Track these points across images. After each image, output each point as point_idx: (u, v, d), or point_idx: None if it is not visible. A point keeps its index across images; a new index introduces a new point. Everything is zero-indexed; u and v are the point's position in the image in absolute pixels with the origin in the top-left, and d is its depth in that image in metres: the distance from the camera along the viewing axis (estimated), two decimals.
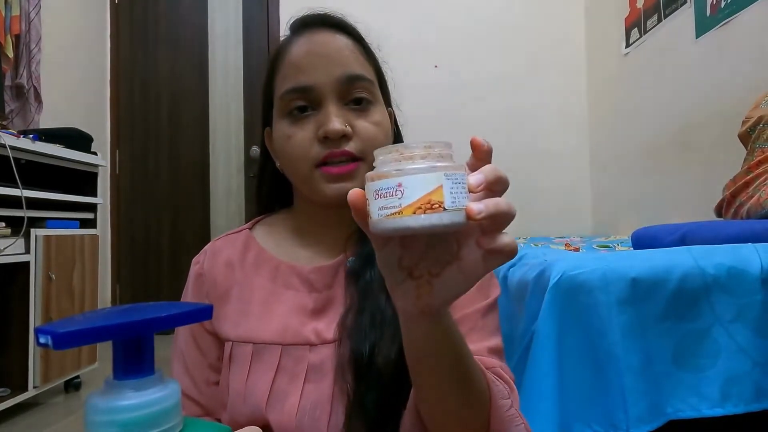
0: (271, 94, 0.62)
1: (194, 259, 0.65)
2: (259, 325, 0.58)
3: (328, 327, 0.58)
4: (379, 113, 0.59)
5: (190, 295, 0.64)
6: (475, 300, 0.58)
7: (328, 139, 0.55)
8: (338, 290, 0.60)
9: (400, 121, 0.68)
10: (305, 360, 0.56)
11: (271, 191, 0.69)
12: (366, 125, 0.57)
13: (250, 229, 0.67)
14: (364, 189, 0.52)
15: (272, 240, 0.65)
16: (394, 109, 0.67)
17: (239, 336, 0.59)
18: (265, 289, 0.61)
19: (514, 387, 0.54)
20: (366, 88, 0.58)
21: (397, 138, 0.67)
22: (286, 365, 0.56)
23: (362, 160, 0.57)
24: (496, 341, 0.57)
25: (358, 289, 0.57)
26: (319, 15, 0.61)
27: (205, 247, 0.66)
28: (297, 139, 0.57)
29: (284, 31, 0.64)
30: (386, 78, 0.65)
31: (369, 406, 0.52)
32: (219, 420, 0.60)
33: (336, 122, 0.55)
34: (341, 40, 0.59)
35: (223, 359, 0.59)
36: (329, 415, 0.54)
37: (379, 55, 0.64)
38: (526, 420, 0.50)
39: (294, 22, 0.62)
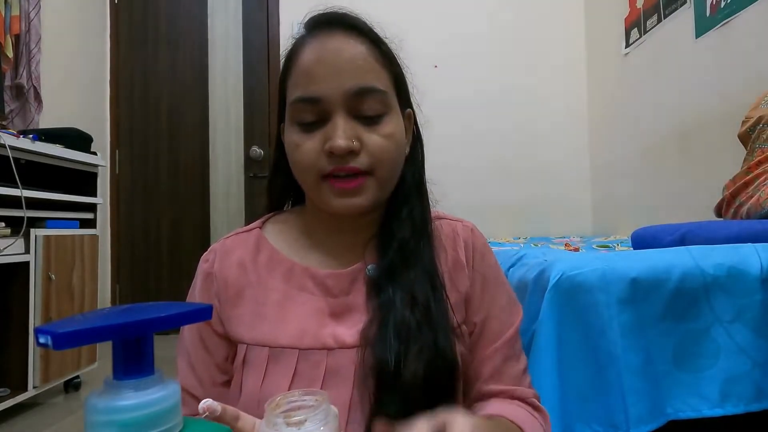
0: (284, 90, 0.60)
1: (203, 257, 0.64)
2: (275, 329, 0.58)
3: (347, 332, 0.57)
4: (391, 124, 0.57)
5: (197, 293, 0.63)
6: (507, 323, 0.63)
7: (334, 154, 0.54)
8: (357, 298, 0.59)
9: (421, 121, 0.67)
10: (322, 364, 0.56)
11: (284, 188, 0.68)
12: (375, 139, 0.56)
13: (260, 227, 0.66)
14: (370, 202, 0.58)
15: (283, 240, 0.64)
16: (414, 108, 0.65)
17: (255, 339, 0.58)
18: (280, 291, 0.60)
19: (545, 412, 0.61)
20: (378, 99, 0.56)
21: (417, 139, 0.66)
22: (303, 370, 0.56)
23: (370, 175, 0.56)
24: (524, 360, 0.64)
25: (381, 303, 0.57)
26: (335, 15, 0.59)
27: (214, 246, 0.65)
28: (305, 150, 0.56)
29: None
30: (406, 79, 0.63)
31: (391, 416, 0.51)
32: None
33: (341, 139, 0.53)
34: (355, 47, 0.56)
35: (236, 362, 0.58)
36: (346, 421, 0.54)
37: (400, 55, 0.62)
38: None
39: (309, 20, 0.60)
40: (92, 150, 2.25)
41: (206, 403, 0.41)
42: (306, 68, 0.56)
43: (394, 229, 0.60)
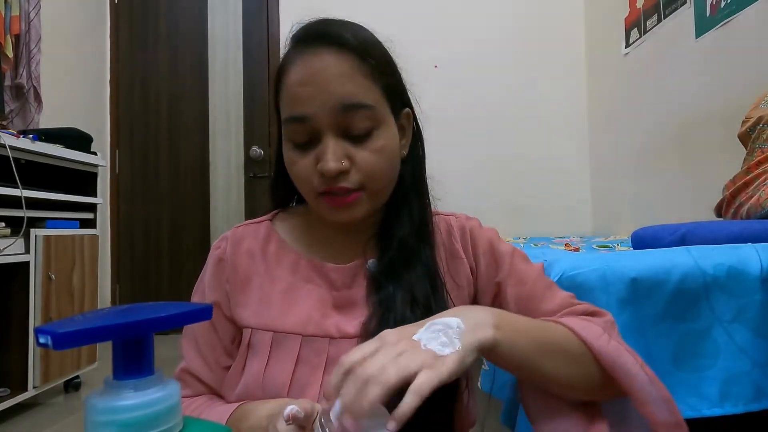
0: (278, 106, 0.62)
1: (215, 244, 0.66)
2: (280, 315, 0.60)
3: (349, 323, 0.59)
4: (381, 139, 0.57)
5: (207, 278, 0.65)
6: (530, 264, 0.64)
7: (325, 175, 0.55)
8: (358, 292, 0.61)
9: (421, 119, 0.67)
10: (325, 352, 0.58)
11: (287, 189, 0.69)
12: (366, 156, 0.56)
13: (270, 220, 0.68)
14: (366, 213, 0.59)
15: (291, 233, 0.67)
16: (414, 107, 0.66)
17: (259, 324, 0.60)
18: (286, 280, 0.62)
19: (607, 314, 0.59)
20: (366, 116, 0.56)
21: (417, 138, 0.66)
22: (306, 356, 0.58)
23: (363, 190, 0.57)
24: (567, 293, 0.64)
25: (381, 300, 0.58)
26: (321, 29, 0.58)
27: (227, 233, 0.67)
28: (299, 167, 0.58)
29: (286, 30, 0.63)
30: (403, 79, 0.64)
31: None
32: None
33: (331, 161, 0.54)
34: (341, 64, 0.55)
35: (241, 346, 0.60)
36: None
37: (394, 60, 0.62)
38: (630, 348, 0.54)
39: (294, 34, 0.60)
40: (92, 150, 2.25)
41: (292, 410, 0.43)
42: (293, 89, 0.57)
43: (394, 228, 0.62)
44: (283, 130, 0.60)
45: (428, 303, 0.57)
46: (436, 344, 0.41)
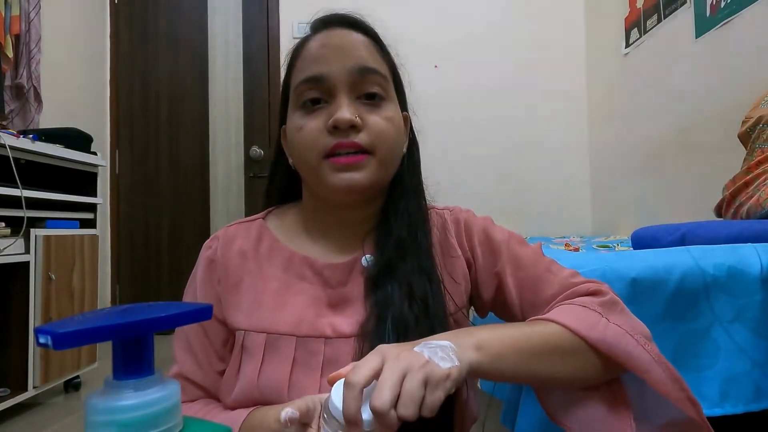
0: (288, 90, 0.62)
1: (206, 244, 0.66)
2: (272, 316, 0.59)
3: (344, 322, 0.58)
4: (391, 110, 0.60)
5: (199, 279, 0.64)
6: (527, 249, 0.63)
7: (338, 128, 0.55)
8: (353, 288, 0.60)
9: (416, 127, 0.68)
10: (320, 353, 0.57)
11: (282, 188, 0.70)
12: (377, 119, 0.57)
13: (263, 218, 0.68)
14: (371, 181, 0.58)
15: (284, 231, 0.66)
16: (410, 114, 0.67)
17: (252, 325, 0.59)
18: (279, 279, 0.61)
19: (609, 292, 0.57)
20: (379, 83, 0.59)
21: (412, 143, 0.67)
22: (301, 357, 0.57)
23: (371, 154, 0.57)
24: (569, 270, 0.62)
25: (379, 299, 0.57)
26: (337, 14, 0.62)
27: (218, 233, 0.66)
28: (307, 130, 0.57)
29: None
30: (402, 81, 0.65)
31: None
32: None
33: (346, 111, 0.55)
34: (358, 36, 0.60)
35: (234, 348, 0.59)
36: None
37: (396, 59, 0.65)
38: (636, 323, 0.53)
39: (314, 21, 0.63)
40: (92, 150, 2.25)
41: (287, 414, 0.43)
42: (311, 54, 0.59)
43: (392, 225, 0.61)
44: (294, 96, 0.60)
45: (426, 299, 0.57)
46: (437, 358, 0.42)
